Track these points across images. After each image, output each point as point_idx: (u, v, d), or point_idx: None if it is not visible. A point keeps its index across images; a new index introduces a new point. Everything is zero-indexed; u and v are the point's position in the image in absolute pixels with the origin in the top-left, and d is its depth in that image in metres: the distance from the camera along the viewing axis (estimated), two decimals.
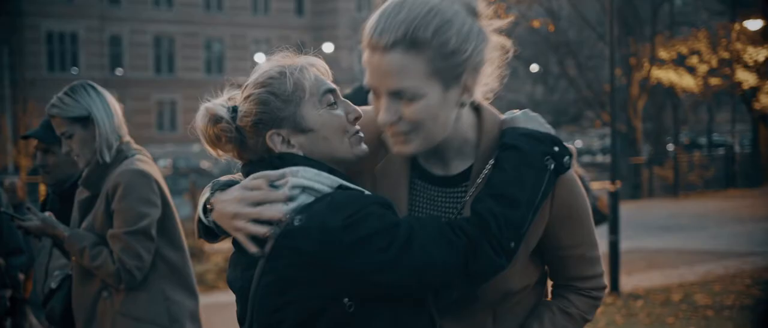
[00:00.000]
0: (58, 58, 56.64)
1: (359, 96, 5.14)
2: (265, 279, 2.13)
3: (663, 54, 29.68)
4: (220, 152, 2.30)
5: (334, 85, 2.28)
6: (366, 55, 2.14)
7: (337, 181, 2.17)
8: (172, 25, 60.63)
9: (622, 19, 29.12)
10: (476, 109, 2.30)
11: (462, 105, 2.18)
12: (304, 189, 2.14)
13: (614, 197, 12.62)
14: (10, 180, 9.28)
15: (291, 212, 2.10)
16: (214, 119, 2.26)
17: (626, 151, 29.45)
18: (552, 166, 2.17)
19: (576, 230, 2.33)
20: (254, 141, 2.24)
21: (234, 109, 2.27)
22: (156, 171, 4.14)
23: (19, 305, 5.51)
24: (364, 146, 2.26)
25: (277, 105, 2.22)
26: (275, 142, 2.22)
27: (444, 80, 2.09)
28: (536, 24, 24.53)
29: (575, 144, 58.32)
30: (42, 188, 4.65)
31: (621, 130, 28.60)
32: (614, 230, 12.34)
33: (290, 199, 2.11)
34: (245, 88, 2.28)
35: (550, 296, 2.48)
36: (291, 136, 2.22)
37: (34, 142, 4.58)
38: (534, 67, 42.39)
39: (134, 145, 4.22)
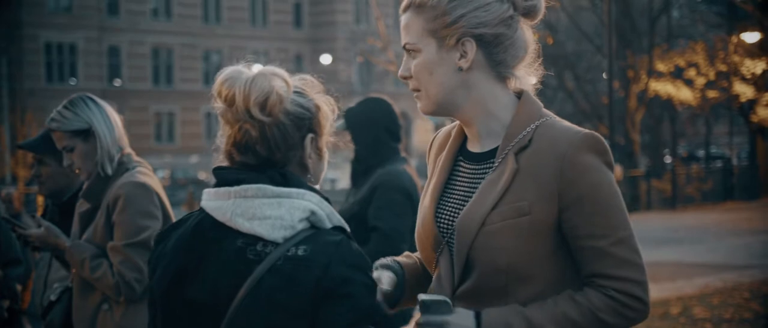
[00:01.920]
0: (56, 69, 56.65)
1: (368, 107, 5.14)
2: (250, 298, 2.13)
3: (661, 67, 29.75)
4: (228, 116, 2.24)
5: None
6: None
7: (334, 214, 2.24)
8: (171, 37, 60.67)
9: (619, 32, 29.21)
10: (519, 95, 2.45)
11: (460, 69, 2.38)
12: (312, 213, 2.19)
13: None
14: (7, 191, 9.26)
15: (297, 237, 2.16)
16: (281, 88, 2.23)
17: (624, 164, 29.46)
18: None
19: (595, 219, 2.27)
20: (284, 136, 2.22)
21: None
22: (157, 183, 4.14)
23: (17, 317, 5.50)
24: None
25: (319, 119, 2.31)
26: (307, 147, 2.27)
27: (437, 39, 2.38)
28: (534, 36, 24.61)
29: None
30: (39, 199, 4.68)
31: (619, 143, 28.65)
32: None
33: (301, 221, 2.19)
34: (298, 82, 2.34)
35: None
36: (314, 150, 2.30)
37: (31, 153, 4.58)
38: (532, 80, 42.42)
39: (135, 158, 4.21)
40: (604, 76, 28.58)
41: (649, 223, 23.47)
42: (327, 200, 2.26)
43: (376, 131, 4.89)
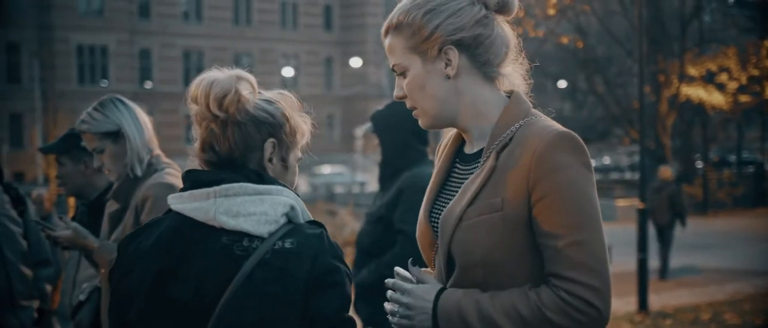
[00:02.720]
0: (88, 71, 56.99)
1: (396, 109, 5.13)
2: (241, 292, 2.22)
3: (692, 71, 29.54)
4: (197, 116, 2.37)
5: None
6: None
7: (305, 209, 2.37)
8: (202, 40, 60.94)
9: (650, 36, 29.00)
10: (510, 95, 2.49)
11: (447, 78, 2.42)
12: (292, 208, 2.32)
13: (643, 215, 12.54)
14: (38, 192, 9.31)
15: (280, 231, 2.28)
16: (244, 89, 2.34)
17: (655, 169, 29.29)
18: None
19: (556, 218, 2.25)
20: (245, 134, 2.34)
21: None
22: None
23: (47, 317, 5.53)
24: None
25: (287, 129, 2.41)
26: (268, 151, 2.37)
27: (419, 54, 2.43)
28: (565, 40, 24.49)
29: (603, 161, 58.11)
30: (70, 200, 4.70)
31: (650, 148, 28.46)
32: (643, 248, 12.28)
33: (285, 215, 2.32)
34: (273, 93, 2.46)
35: None
36: (276, 158, 2.40)
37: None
38: (562, 84, 42.27)
39: (164, 159, 4.23)
40: (634, 80, 28.43)
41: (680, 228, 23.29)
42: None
43: (403, 134, 4.88)
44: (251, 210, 2.27)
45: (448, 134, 2.66)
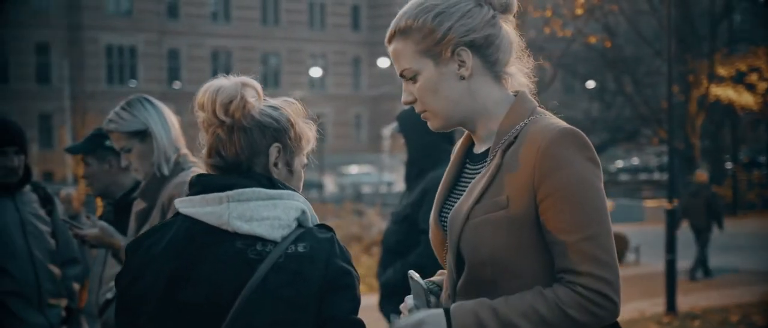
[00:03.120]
0: (116, 72, 57.34)
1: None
2: (255, 296, 2.25)
3: (722, 71, 29.35)
4: (204, 123, 2.41)
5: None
6: None
7: (314, 214, 2.40)
8: (230, 40, 61.17)
9: (679, 36, 28.85)
10: (516, 95, 2.51)
11: (461, 79, 2.44)
12: (303, 212, 2.35)
13: (671, 216, 12.48)
14: (66, 192, 9.37)
15: (292, 235, 2.31)
16: (249, 95, 2.38)
17: (684, 169, 29.11)
18: None
19: (565, 214, 2.27)
20: (251, 139, 2.37)
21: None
22: None
23: (75, 315, 5.56)
24: None
25: (291, 135, 2.44)
26: (272, 156, 2.40)
27: (432, 57, 2.43)
28: (592, 40, 24.39)
29: (632, 161, 57.84)
30: (98, 200, 4.72)
31: (678, 148, 28.31)
32: (671, 249, 12.21)
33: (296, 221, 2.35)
34: (278, 100, 2.50)
35: None
36: (281, 162, 2.42)
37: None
38: (590, 84, 42.10)
39: (191, 158, 4.24)
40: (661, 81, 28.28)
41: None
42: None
43: (428, 134, 4.86)
44: (264, 215, 2.30)
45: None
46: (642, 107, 32.13)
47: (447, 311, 2.31)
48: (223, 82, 2.38)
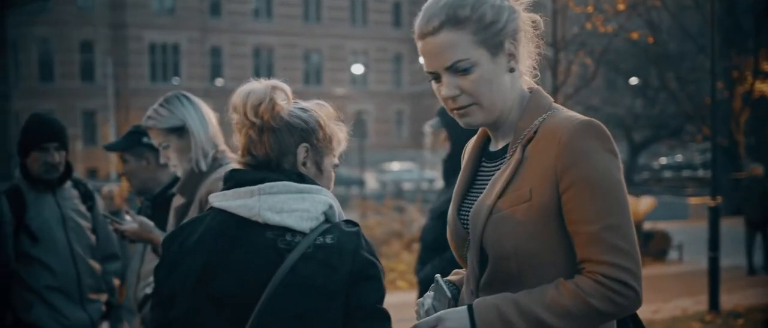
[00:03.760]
0: (160, 69, 57.80)
1: None
2: (284, 284, 2.34)
3: (767, 67, 29.03)
4: (237, 124, 2.51)
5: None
6: (419, 46, 2.44)
7: (341, 210, 2.50)
8: (272, 37, 61.42)
9: (724, 31, 28.56)
10: (530, 91, 2.52)
11: (511, 70, 2.43)
12: (330, 207, 2.45)
13: (715, 213, 12.35)
14: (109, 188, 9.46)
15: (320, 227, 2.40)
16: (278, 97, 2.48)
17: (728, 166, 28.82)
18: None
19: (587, 204, 2.28)
20: (279, 139, 2.47)
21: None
22: None
23: (114, 310, 5.60)
24: None
25: (320, 136, 2.53)
26: (300, 155, 2.50)
27: (489, 48, 2.39)
28: (635, 36, 24.19)
29: (676, 158, 57.37)
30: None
31: (722, 145, 28.03)
32: (714, 247, 12.08)
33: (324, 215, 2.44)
34: (309, 103, 2.59)
35: None
36: (309, 161, 2.52)
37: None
38: (634, 80, 41.81)
39: (230, 154, 4.25)
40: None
41: None
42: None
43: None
44: (294, 207, 2.40)
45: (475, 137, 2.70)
46: (686, 104, 31.84)
47: (470, 307, 2.32)
48: (255, 85, 2.48)
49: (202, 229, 2.46)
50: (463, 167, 2.65)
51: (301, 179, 2.46)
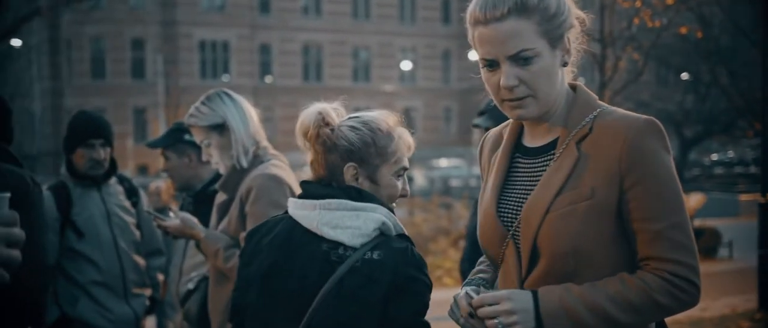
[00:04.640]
0: (210, 66, 58.10)
1: None
2: (332, 294, 2.54)
3: None
4: (309, 149, 2.73)
5: (408, 164, 2.77)
6: (477, 31, 2.39)
7: (398, 223, 2.68)
8: (321, 34, 61.49)
9: None
10: (573, 88, 2.51)
11: (564, 65, 2.41)
12: (383, 224, 2.61)
13: (765, 210, 12.19)
14: (156, 184, 9.52)
15: (371, 243, 2.58)
16: (325, 123, 2.69)
17: None
18: None
19: (652, 202, 2.29)
20: (329, 159, 2.68)
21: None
22: (290, 176, 4.18)
23: (158, 305, 5.65)
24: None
25: (371, 152, 2.68)
26: (348, 174, 2.67)
27: (550, 40, 2.36)
28: (683, 31, 23.93)
29: (727, 154, 56.66)
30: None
31: None
32: (765, 244, 11.92)
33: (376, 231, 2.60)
34: (354, 118, 2.72)
35: None
36: (361, 177, 2.68)
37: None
38: (684, 76, 41.36)
39: (271, 151, 4.28)
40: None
41: None
42: (392, 211, 2.70)
43: None
44: (348, 224, 2.61)
45: (496, 131, 2.71)
46: (737, 99, 31.44)
47: (535, 293, 2.32)
48: (306, 111, 2.71)
49: (276, 230, 2.73)
50: (494, 162, 2.61)
51: (360, 195, 2.65)
